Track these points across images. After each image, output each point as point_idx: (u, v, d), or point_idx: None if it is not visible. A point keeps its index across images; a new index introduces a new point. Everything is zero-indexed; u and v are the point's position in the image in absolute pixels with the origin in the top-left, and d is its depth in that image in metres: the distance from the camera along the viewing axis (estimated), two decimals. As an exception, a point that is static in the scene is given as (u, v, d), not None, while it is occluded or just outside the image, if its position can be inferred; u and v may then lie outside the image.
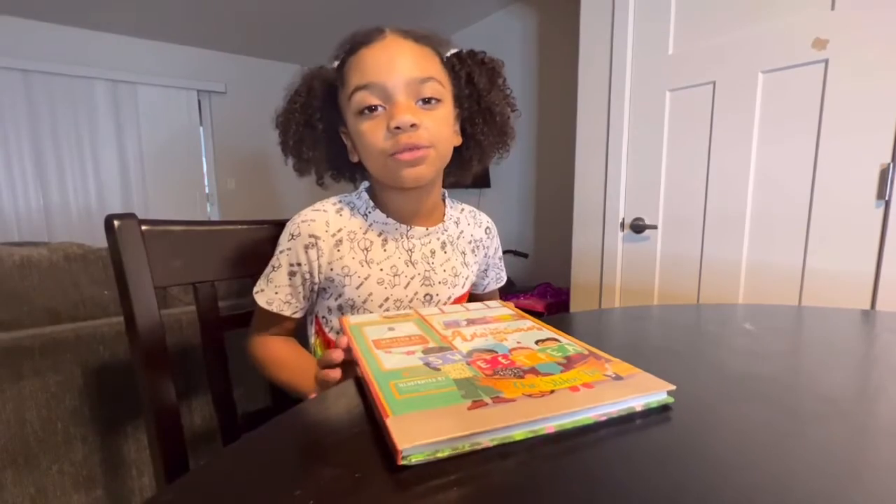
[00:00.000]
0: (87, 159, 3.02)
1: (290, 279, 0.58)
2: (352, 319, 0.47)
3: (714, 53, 1.19)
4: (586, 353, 0.40)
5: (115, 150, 3.10)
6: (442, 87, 0.56)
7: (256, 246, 0.64)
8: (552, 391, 0.34)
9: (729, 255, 1.20)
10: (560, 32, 2.32)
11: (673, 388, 0.34)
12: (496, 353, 0.40)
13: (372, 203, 0.62)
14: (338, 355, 0.45)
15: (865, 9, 0.96)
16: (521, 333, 0.44)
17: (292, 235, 0.58)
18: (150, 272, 0.54)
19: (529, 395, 0.33)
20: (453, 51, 0.61)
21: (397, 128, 0.52)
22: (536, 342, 0.42)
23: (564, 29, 2.25)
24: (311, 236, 0.57)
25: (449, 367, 0.37)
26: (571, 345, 0.41)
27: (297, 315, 0.61)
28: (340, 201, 0.62)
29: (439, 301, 0.63)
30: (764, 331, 0.52)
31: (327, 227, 0.58)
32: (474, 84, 0.61)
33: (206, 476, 0.26)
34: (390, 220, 0.61)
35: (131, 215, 0.53)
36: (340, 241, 0.59)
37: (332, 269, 0.58)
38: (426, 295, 0.62)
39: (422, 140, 0.53)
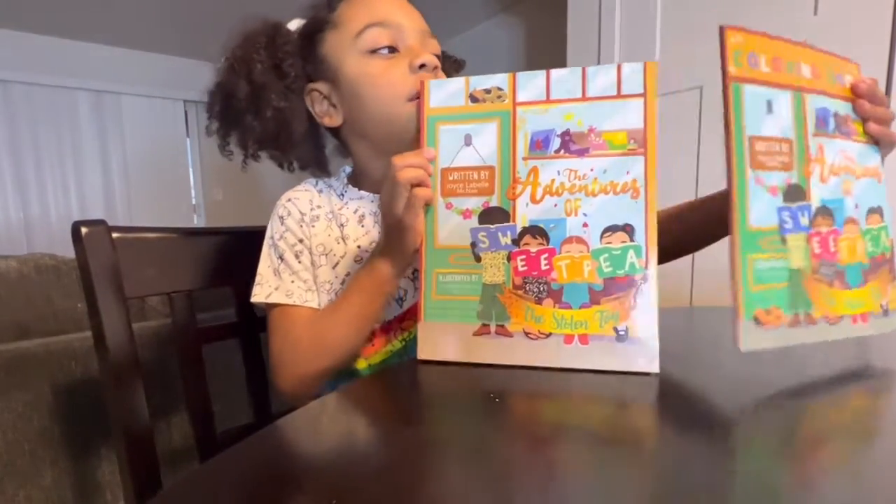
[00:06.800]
0: (68, 171, 2.95)
1: (299, 260, 0.54)
2: (433, 93, 0.42)
3: (701, 59, 1.19)
4: (632, 276, 0.36)
5: (98, 161, 3.03)
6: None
7: (236, 254, 0.62)
8: (549, 335, 0.37)
9: (721, 257, 1.19)
10: (547, 43, 2.34)
11: (656, 371, 0.34)
12: (545, 245, 0.38)
13: (347, 182, 0.59)
14: (430, 155, 0.41)
15: (847, 11, 0.97)
16: (607, 200, 0.37)
17: (282, 218, 0.54)
18: (122, 282, 0.51)
19: (527, 334, 0.37)
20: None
21: (422, 66, 0.49)
22: (606, 230, 0.37)
23: (552, 39, 2.27)
24: (300, 212, 0.55)
25: (489, 259, 0.39)
26: (636, 252, 0.36)
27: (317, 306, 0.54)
28: (320, 182, 0.60)
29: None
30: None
31: (311, 205, 0.56)
32: None
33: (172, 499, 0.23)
34: (365, 194, 0.58)
35: (101, 222, 0.50)
36: (317, 217, 0.56)
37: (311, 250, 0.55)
38: (414, 271, 0.52)
39: None
